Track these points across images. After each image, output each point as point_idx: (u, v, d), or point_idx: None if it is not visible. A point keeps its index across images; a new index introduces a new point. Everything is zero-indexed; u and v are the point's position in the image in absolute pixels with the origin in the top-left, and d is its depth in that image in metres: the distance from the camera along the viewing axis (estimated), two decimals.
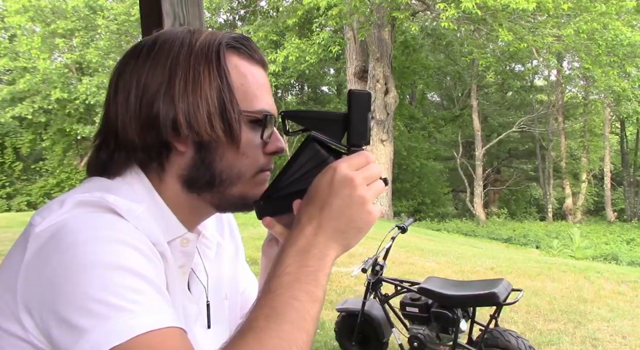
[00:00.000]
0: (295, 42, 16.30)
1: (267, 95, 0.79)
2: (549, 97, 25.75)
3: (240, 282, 0.94)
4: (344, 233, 0.66)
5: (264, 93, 0.78)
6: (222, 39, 0.76)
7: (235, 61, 0.76)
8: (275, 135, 0.78)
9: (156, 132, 0.72)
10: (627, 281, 6.85)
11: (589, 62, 14.08)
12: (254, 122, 0.76)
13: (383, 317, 3.91)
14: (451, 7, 12.40)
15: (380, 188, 0.68)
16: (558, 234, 16.41)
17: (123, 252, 0.62)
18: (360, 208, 0.65)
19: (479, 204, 21.01)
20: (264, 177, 0.79)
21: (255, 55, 0.79)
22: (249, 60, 0.78)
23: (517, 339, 3.38)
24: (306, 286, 0.62)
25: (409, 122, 24.67)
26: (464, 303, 3.54)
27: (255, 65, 0.78)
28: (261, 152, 0.77)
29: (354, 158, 0.69)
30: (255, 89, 0.77)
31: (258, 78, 0.78)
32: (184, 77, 0.73)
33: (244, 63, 0.77)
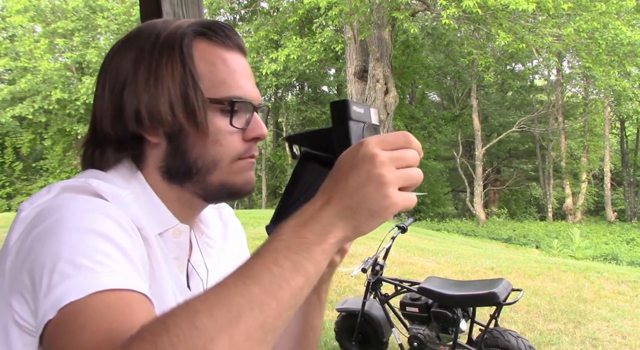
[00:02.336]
0: (296, 41, 16.30)
1: (242, 80, 0.77)
2: (549, 97, 25.76)
3: None
4: (354, 213, 0.57)
5: (237, 79, 0.76)
6: (191, 26, 0.76)
7: (204, 48, 0.76)
8: (254, 121, 0.77)
9: (124, 125, 0.74)
10: (627, 281, 6.85)
11: (589, 62, 14.08)
12: (223, 109, 0.75)
13: (383, 317, 3.91)
14: (452, 5, 12.40)
15: (412, 176, 0.58)
16: (558, 234, 16.41)
17: (101, 220, 0.63)
18: (377, 188, 0.56)
19: (479, 203, 21.01)
20: (245, 165, 0.78)
21: (229, 41, 0.77)
22: (220, 46, 0.77)
23: (517, 338, 3.38)
24: (295, 256, 0.54)
25: (409, 122, 24.68)
26: (464, 303, 3.54)
27: (229, 51, 0.77)
28: (239, 139, 0.76)
29: (389, 136, 0.61)
30: (224, 75, 0.76)
31: (230, 64, 0.76)
32: (147, 68, 0.74)
33: (215, 49, 0.76)
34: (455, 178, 25.72)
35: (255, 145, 0.79)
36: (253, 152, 0.78)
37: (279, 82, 20.96)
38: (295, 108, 23.61)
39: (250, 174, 0.79)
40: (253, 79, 0.80)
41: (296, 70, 19.65)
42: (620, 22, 13.05)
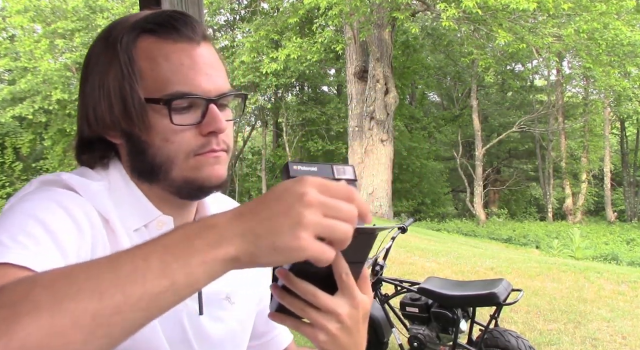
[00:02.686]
0: (296, 41, 16.30)
1: (190, 74, 0.74)
2: (549, 97, 25.76)
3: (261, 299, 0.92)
4: (257, 239, 0.51)
5: (183, 73, 0.73)
6: (136, 23, 0.75)
7: (147, 45, 0.74)
8: (209, 115, 0.74)
9: (85, 127, 0.79)
10: (627, 281, 6.85)
11: (590, 62, 14.08)
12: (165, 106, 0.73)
13: (383, 317, 3.91)
14: (452, 6, 12.40)
15: (336, 229, 0.52)
16: (558, 234, 16.41)
17: (47, 207, 0.66)
18: (291, 225, 0.50)
19: (479, 204, 21.01)
20: (204, 160, 0.75)
21: (175, 33, 0.74)
22: (165, 40, 0.74)
23: (517, 339, 3.38)
24: (169, 258, 0.49)
25: (409, 122, 24.68)
26: (464, 303, 3.53)
27: (176, 44, 0.74)
28: (194, 135, 0.74)
29: (333, 184, 0.54)
30: (166, 71, 0.73)
31: (174, 59, 0.73)
32: (97, 70, 0.76)
33: (159, 45, 0.74)
34: (455, 178, 25.71)
35: (216, 139, 0.75)
36: (212, 147, 0.75)
37: (279, 82, 20.94)
38: (295, 108, 23.60)
39: (214, 168, 0.76)
40: (215, 68, 0.76)
41: (296, 70, 19.62)
42: (620, 23, 13.05)
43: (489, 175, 24.40)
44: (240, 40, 20.71)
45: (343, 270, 0.61)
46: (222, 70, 0.79)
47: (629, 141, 27.08)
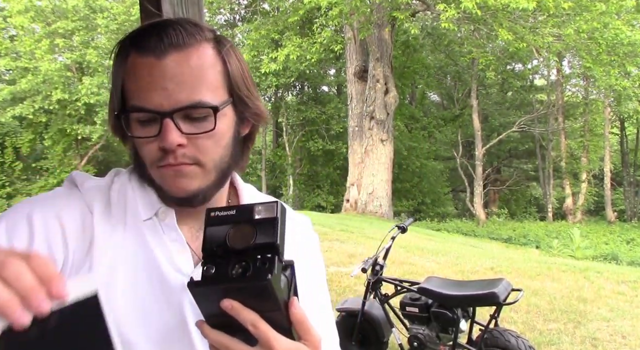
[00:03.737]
0: (296, 41, 16.30)
1: (145, 88, 0.75)
2: (549, 96, 25.76)
3: None
4: None
5: (140, 87, 0.76)
6: (124, 40, 0.79)
7: (132, 60, 0.77)
8: (162, 129, 0.75)
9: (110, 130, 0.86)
10: (627, 281, 6.85)
11: (590, 62, 14.08)
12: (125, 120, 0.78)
13: (383, 317, 3.91)
14: (451, 7, 12.40)
15: None
16: (558, 234, 16.41)
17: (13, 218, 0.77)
18: None
19: (479, 203, 21.01)
20: (165, 173, 0.78)
21: (142, 48, 0.76)
22: (140, 54, 0.76)
23: (517, 338, 3.38)
24: None
25: (409, 122, 24.67)
26: (463, 303, 3.53)
27: (143, 58, 0.76)
28: (155, 147, 0.77)
29: None
30: (131, 85, 0.77)
31: (136, 72, 0.76)
32: None
33: (136, 60, 0.76)
34: (455, 178, 25.72)
35: (173, 153, 0.76)
36: (169, 161, 0.77)
37: (279, 82, 20.95)
38: (295, 108, 23.61)
39: (177, 181, 0.78)
40: (176, 81, 0.75)
41: (296, 70, 19.63)
42: (621, 22, 13.05)
43: (489, 175, 24.40)
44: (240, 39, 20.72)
45: (247, 322, 0.62)
46: (192, 82, 0.75)
47: (629, 141, 27.08)
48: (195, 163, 0.78)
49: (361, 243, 8.77)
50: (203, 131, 0.77)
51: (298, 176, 23.03)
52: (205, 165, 0.78)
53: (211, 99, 0.76)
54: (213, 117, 0.77)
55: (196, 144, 0.77)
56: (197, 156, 0.77)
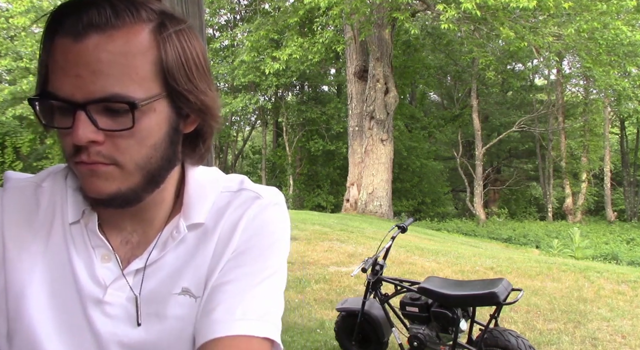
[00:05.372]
0: (297, 41, 16.30)
1: (58, 73, 0.66)
2: (549, 96, 25.76)
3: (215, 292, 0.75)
4: None
5: (54, 72, 0.66)
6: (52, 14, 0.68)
7: (54, 43, 0.67)
8: (74, 124, 0.65)
9: None
10: (627, 281, 6.85)
11: (590, 62, 14.08)
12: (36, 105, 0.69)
13: (383, 317, 3.91)
14: (451, 7, 12.40)
15: None
16: (558, 234, 16.42)
17: None
18: None
19: (479, 203, 21.02)
20: (80, 169, 0.68)
21: (60, 28, 0.66)
22: (59, 36, 0.66)
23: (517, 338, 3.38)
24: None
25: (409, 121, 24.68)
26: (463, 303, 3.53)
27: (63, 39, 0.65)
28: (69, 140, 0.67)
29: None
30: (51, 72, 0.67)
31: (56, 57, 0.66)
32: None
33: (57, 41, 0.66)
34: (455, 178, 25.72)
35: (84, 151, 0.67)
36: (81, 158, 0.67)
37: (279, 82, 20.95)
38: (295, 108, 23.61)
39: (90, 181, 0.68)
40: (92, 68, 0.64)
41: (297, 70, 19.63)
42: (620, 22, 13.05)
43: (489, 174, 24.40)
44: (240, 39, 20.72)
45: None
46: (111, 71, 0.64)
47: (629, 141, 27.09)
48: (113, 163, 0.68)
49: (361, 243, 8.77)
50: (122, 128, 0.66)
51: (298, 176, 23.03)
52: (124, 167, 0.68)
53: (133, 92, 0.65)
54: (131, 114, 0.66)
55: (115, 141, 0.67)
56: (114, 156, 0.67)
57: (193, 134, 0.76)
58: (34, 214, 0.75)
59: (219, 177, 0.83)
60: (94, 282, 0.73)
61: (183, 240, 0.77)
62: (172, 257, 0.76)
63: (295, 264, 7.36)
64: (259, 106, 22.60)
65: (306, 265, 7.30)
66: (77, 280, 0.73)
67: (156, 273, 0.75)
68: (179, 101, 0.70)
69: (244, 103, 20.94)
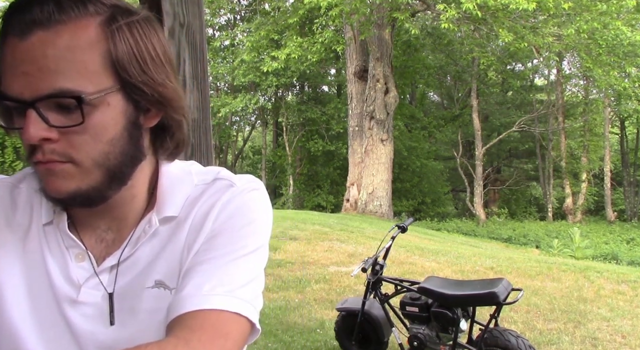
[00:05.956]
0: (297, 41, 16.30)
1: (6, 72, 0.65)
2: (549, 96, 25.77)
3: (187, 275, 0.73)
4: None
5: (4, 73, 0.65)
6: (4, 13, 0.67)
7: (4, 43, 0.66)
8: (25, 123, 0.64)
9: None
10: (627, 281, 6.85)
11: (590, 62, 14.08)
12: None
13: (383, 317, 3.91)
14: (451, 8, 12.40)
15: None
16: (558, 234, 16.42)
17: None
18: None
19: (479, 203, 21.02)
20: (38, 169, 0.68)
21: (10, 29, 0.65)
22: (7, 36, 0.65)
23: (517, 338, 3.38)
24: None
25: (409, 121, 24.68)
26: (463, 302, 3.54)
27: (10, 38, 0.65)
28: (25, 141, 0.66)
29: None
30: (1, 72, 0.66)
31: (4, 57, 0.65)
32: None
33: (6, 41, 0.66)
34: (455, 178, 25.72)
35: (41, 148, 0.66)
36: (36, 157, 0.66)
37: (279, 82, 20.95)
38: (295, 108, 23.61)
39: (49, 180, 0.67)
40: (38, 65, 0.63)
41: (297, 70, 19.63)
42: (620, 22, 13.05)
43: (489, 174, 24.40)
44: (241, 39, 20.72)
45: None
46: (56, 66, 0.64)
47: (629, 141, 27.10)
48: (69, 161, 0.67)
49: (361, 243, 8.77)
50: (73, 124, 0.65)
51: (298, 176, 23.03)
52: (81, 164, 0.67)
53: (82, 86, 0.64)
54: (79, 109, 0.65)
55: (69, 138, 0.66)
56: (69, 153, 0.66)
57: (159, 128, 0.75)
58: (11, 215, 0.75)
59: (193, 169, 0.82)
60: (68, 283, 0.73)
61: (155, 234, 0.76)
62: (145, 251, 0.75)
63: (295, 264, 7.36)
64: (259, 106, 22.60)
65: (306, 265, 7.30)
66: (51, 281, 0.73)
67: (130, 269, 0.75)
68: (134, 94, 0.68)
69: (244, 103, 20.95)
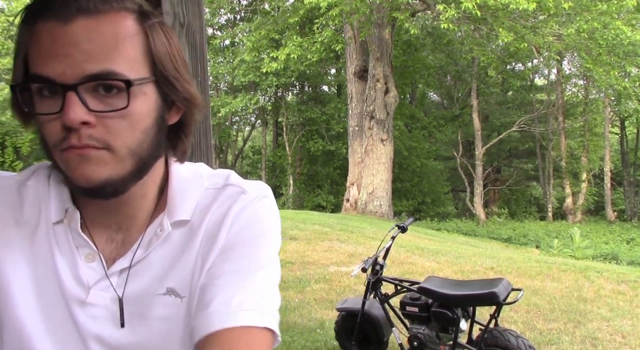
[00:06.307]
0: (296, 41, 16.30)
1: (45, 55, 0.64)
2: (549, 96, 25.77)
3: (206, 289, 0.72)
4: None
5: (40, 54, 0.65)
6: (33, 3, 0.68)
7: (37, 27, 0.66)
8: (65, 103, 0.63)
9: None
10: (627, 281, 6.85)
11: (590, 62, 14.08)
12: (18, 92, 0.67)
13: (383, 317, 3.91)
14: (451, 7, 12.40)
15: None
16: (558, 234, 16.42)
17: None
18: None
19: (479, 203, 21.02)
20: (68, 157, 0.66)
21: (47, 12, 0.65)
22: (44, 21, 0.65)
23: (517, 338, 3.38)
24: None
25: (409, 121, 24.68)
26: (464, 302, 3.54)
27: (48, 23, 0.65)
28: (57, 126, 0.65)
29: None
30: (32, 53, 0.66)
31: (42, 40, 0.65)
32: None
33: (41, 26, 0.65)
34: (455, 178, 25.72)
35: (77, 133, 0.64)
36: (71, 142, 0.64)
37: (279, 82, 20.95)
38: (295, 108, 23.62)
39: (81, 167, 0.66)
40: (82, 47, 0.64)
41: (296, 69, 19.63)
42: (621, 22, 13.04)
43: (489, 174, 24.41)
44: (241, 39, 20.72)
45: None
46: (102, 50, 0.64)
47: (629, 140, 27.10)
48: (104, 147, 0.66)
49: (361, 243, 8.77)
50: (115, 109, 0.65)
51: (298, 176, 23.04)
52: (117, 151, 0.66)
53: (126, 70, 0.65)
54: (126, 93, 0.65)
55: (106, 124, 0.65)
56: (106, 139, 0.65)
57: (176, 127, 0.75)
58: (18, 213, 0.73)
59: (203, 172, 0.81)
60: (77, 283, 0.72)
61: (167, 239, 0.75)
62: (157, 256, 0.75)
63: (295, 264, 7.36)
64: (259, 106, 22.60)
65: (306, 265, 7.30)
66: (60, 281, 0.72)
67: (141, 273, 0.74)
68: (166, 88, 0.70)
69: (244, 103, 20.95)
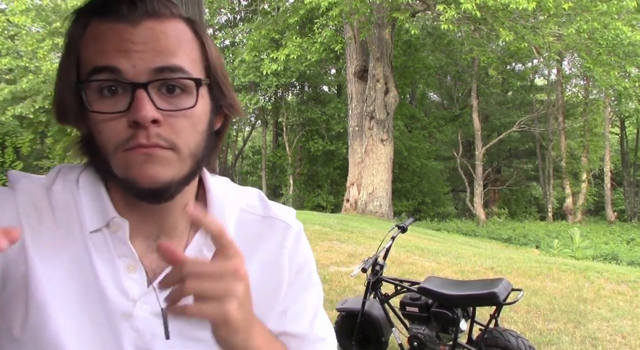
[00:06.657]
0: (296, 41, 16.30)
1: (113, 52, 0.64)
2: (549, 96, 25.77)
3: None
4: None
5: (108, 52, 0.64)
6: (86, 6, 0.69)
7: (93, 27, 0.67)
8: (135, 100, 0.63)
9: (55, 115, 0.75)
10: (627, 281, 6.85)
11: (590, 62, 14.08)
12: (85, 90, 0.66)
13: (383, 317, 3.91)
14: (451, 8, 12.40)
15: None
16: (558, 234, 16.41)
17: None
18: None
19: (479, 203, 21.02)
20: (132, 156, 0.64)
21: (109, 16, 0.66)
22: (105, 21, 0.66)
23: (517, 338, 3.38)
24: None
25: (410, 121, 24.68)
26: (463, 303, 3.54)
27: (114, 24, 0.65)
28: (121, 125, 0.64)
29: None
30: (92, 50, 0.66)
31: (105, 38, 0.65)
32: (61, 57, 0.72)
33: (101, 26, 0.66)
34: (455, 178, 25.72)
35: (145, 131, 0.63)
36: (139, 141, 0.63)
37: (279, 82, 20.95)
38: (295, 108, 23.62)
39: (145, 167, 0.65)
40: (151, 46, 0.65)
41: (296, 70, 19.63)
42: (621, 23, 13.04)
43: (489, 174, 24.41)
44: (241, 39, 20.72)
45: None
46: (170, 48, 0.65)
47: (629, 141, 27.10)
48: (170, 147, 0.65)
49: (361, 243, 8.77)
50: (181, 108, 0.65)
51: (298, 176, 23.04)
52: (181, 151, 0.66)
53: (191, 70, 0.66)
54: (195, 91, 0.66)
55: (172, 124, 0.65)
56: (172, 138, 0.65)
57: (216, 132, 0.75)
58: (49, 218, 0.70)
59: (234, 189, 0.83)
60: (122, 295, 0.69)
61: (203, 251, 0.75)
62: None
63: None
64: (259, 106, 22.60)
65: None
66: (102, 291, 0.69)
67: None
68: (217, 92, 0.72)
69: (244, 103, 20.94)
